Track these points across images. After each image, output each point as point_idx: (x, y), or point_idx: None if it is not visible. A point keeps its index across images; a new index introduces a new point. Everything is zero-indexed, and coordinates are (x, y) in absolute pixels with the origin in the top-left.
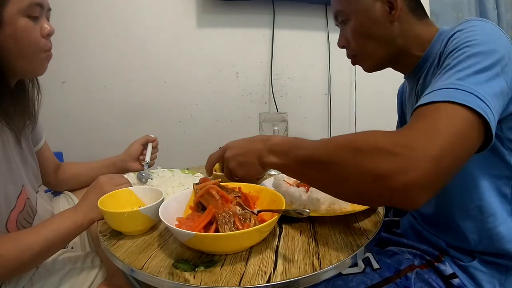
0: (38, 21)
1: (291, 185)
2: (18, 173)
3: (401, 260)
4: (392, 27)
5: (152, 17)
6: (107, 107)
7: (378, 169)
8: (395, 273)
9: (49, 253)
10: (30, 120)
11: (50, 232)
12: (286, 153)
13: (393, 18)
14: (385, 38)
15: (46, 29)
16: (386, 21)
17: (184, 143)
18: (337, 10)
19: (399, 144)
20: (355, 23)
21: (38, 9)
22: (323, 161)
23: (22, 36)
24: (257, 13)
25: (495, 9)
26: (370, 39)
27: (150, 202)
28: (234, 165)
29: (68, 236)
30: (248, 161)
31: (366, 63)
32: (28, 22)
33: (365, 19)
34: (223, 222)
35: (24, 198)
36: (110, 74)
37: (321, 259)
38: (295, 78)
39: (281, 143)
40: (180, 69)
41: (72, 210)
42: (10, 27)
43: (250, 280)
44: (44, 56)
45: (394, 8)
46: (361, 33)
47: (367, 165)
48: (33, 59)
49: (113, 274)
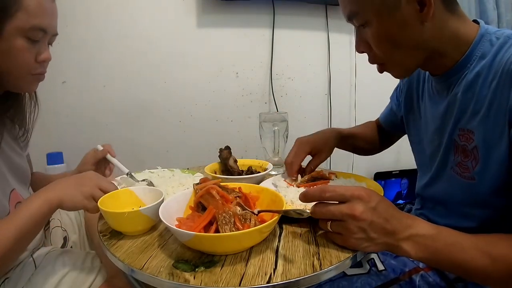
0: (37, 44)
1: (291, 185)
2: (4, 180)
3: (406, 262)
4: (424, 28)
5: (152, 17)
6: (107, 107)
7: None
8: (400, 275)
9: (26, 240)
10: (20, 128)
11: (22, 216)
12: (437, 253)
13: (425, 17)
14: (417, 43)
15: (41, 56)
16: (416, 22)
17: (184, 143)
18: (351, 12)
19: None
20: (378, 29)
21: (39, 33)
22: (490, 277)
23: (13, 56)
24: (257, 13)
25: (495, 9)
26: (399, 46)
27: (150, 202)
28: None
29: (41, 217)
30: (376, 238)
31: (396, 72)
32: (24, 44)
33: (390, 22)
34: (223, 223)
35: (14, 202)
36: (110, 74)
37: (322, 260)
38: (295, 78)
39: (430, 237)
40: (180, 69)
41: (44, 189)
42: (5, 43)
43: (250, 281)
44: (32, 79)
45: (426, 4)
46: (387, 39)
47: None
48: (20, 79)
49: (114, 275)
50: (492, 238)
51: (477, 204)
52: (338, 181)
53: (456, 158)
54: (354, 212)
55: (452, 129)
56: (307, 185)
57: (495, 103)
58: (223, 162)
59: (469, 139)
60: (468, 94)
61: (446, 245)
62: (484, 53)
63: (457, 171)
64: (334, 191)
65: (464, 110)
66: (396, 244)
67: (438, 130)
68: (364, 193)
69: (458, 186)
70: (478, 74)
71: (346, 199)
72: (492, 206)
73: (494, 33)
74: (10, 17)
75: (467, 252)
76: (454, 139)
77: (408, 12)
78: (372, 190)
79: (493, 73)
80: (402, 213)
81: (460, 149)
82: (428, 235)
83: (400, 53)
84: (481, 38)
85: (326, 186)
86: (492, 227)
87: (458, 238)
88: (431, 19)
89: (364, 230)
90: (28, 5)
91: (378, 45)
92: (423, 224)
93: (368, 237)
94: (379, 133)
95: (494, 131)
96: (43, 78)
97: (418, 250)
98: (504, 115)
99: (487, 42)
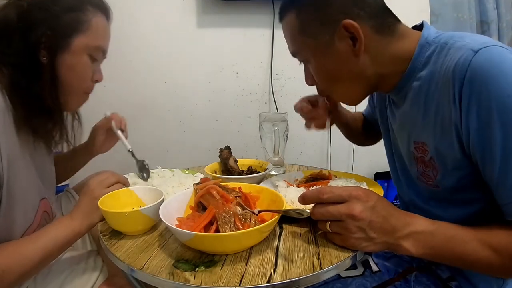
0: (95, 64)
1: (291, 185)
2: (37, 187)
3: (399, 262)
4: (359, 60)
5: (152, 17)
6: (107, 107)
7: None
8: (394, 276)
9: (47, 262)
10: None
11: (48, 241)
12: (437, 247)
13: (358, 52)
14: (355, 74)
15: (98, 76)
16: (351, 56)
17: (184, 143)
18: (292, 51)
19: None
20: (316, 65)
21: (100, 54)
22: (493, 267)
23: (77, 70)
24: (257, 13)
25: (495, 9)
26: (338, 80)
27: (150, 202)
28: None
29: (66, 244)
30: (375, 238)
31: (344, 101)
32: (88, 61)
33: (326, 59)
34: (224, 222)
35: (41, 212)
36: (110, 74)
37: (321, 259)
38: (295, 78)
39: (430, 232)
40: (180, 69)
41: (69, 217)
42: (72, 58)
43: (251, 280)
44: (83, 98)
45: (357, 39)
46: (326, 75)
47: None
48: (73, 96)
49: (114, 274)
50: (491, 229)
51: (449, 205)
52: (338, 181)
53: (419, 168)
54: (352, 212)
55: (407, 142)
56: (307, 185)
57: (440, 115)
58: (223, 162)
59: (424, 150)
60: (415, 107)
61: (446, 239)
62: (424, 65)
63: (422, 180)
64: (332, 192)
65: (414, 123)
66: (396, 242)
67: (400, 142)
68: (362, 192)
69: (426, 192)
70: (420, 86)
71: (344, 199)
72: (464, 204)
73: (433, 41)
74: (80, 33)
75: (467, 244)
76: (412, 152)
77: (342, 48)
78: (370, 190)
79: (434, 84)
80: (401, 211)
81: (419, 160)
82: (427, 231)
83: (342, 86)
84: (420, 49)
85: (324, 188)
86: (474, 222)
87: (457, 231)
88: (365, 51)
89: (363, 229)
90: (97, 26)
91: (319, 79)
92: (422, 221)
93: (367, 237)
94: (364, 123)
95: (445, 142)
96: (87, 99)
97: (418, 247)
98: (450, 127)
99: (426, 52)
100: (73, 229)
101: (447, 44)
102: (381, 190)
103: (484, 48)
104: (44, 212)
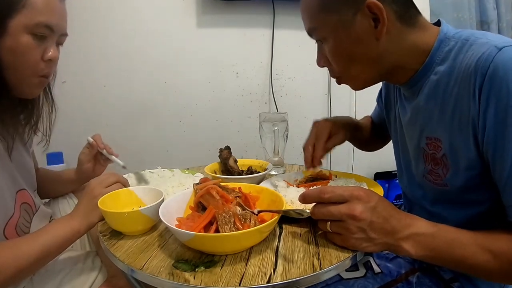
0: (44, 43)
1: (291, 185)
2: (15, 180)
3: (401, 263)
4: (379, 43)
5: (152, 17)
6: (107, 107)
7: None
8: (397, 277)
9: (46, 260)
10: (31, 131)
11: (47, 239)
12: (437, 250)
13: (379, 34)
14: (372, 58)
15: (48, 54)
16: (371, 38)
17: (184, 143)
18: (309, 27)
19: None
20: (333, 44)
21: (46, 30)
22: (491, 272)
23: (20, 53)
24: (257, 13)
25: (495, 9)
26: (354, 61)
27: (150, 202)
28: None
29: (65, 243)
30: (376, 239)
31: (352, 84)
32: (30, 41)
33: (346, 38)
34: (223, 222)
35: (19, 203)
36: (110, 74)
37: (321, 260)
38: (295, 78)
39: (430, 235)
40: (180, 69)
41: (69, 216)
42: (11, 40)
43: (250, 281)
44: (37, 81)
45: (380, 21)
46: (342, 55)
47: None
48: (25, 81)
49: (114, 274)
50: (491, 234)
51: (455, 206)
52: (339, 181)
53: (427, 166)
54: (353, 212)
55: (418, 138)
56: (307, 185)
57: (458, 110)
58: (223, 162)
59: (437, 147)
60: (431, 102)
61: (446, 242)
62: (443, 60)
63: (430, 179)
64: (333, 191)
65: (429, 118)
66: (396, 244)
67: (408, 138)
68: (363, 193)
69: (432, 191)
70: (438, 81)
71: (345, 199)
72: (470, 205)
73: (453, 37)
74: (16, 13)
75: (467, 248)
76: (423, 148)
77: (363, 28)
78: (371, 190)
79: (453, 79)
80: (401, 213)
81: (429, 157)
82: (427, 233)
83: (356, 68)
84: (439, 44)
85: (325, 187)
86: (477, 224)
87: (458, 234)
88: (386, 35)
89: (364, 230)
90: (34, 2)
91: (335, 59)
92: (422, 223)
93: (367, 237)
94: (373, 128)
95: (460, 139)
96: (47, 82)
97: (418, 249)
98: (467, 124)
99: (446, 47)
100: (73, 228)
101: (469, 40)
102: (381, 190)
103: (508, 46)
104: (23, 203)
